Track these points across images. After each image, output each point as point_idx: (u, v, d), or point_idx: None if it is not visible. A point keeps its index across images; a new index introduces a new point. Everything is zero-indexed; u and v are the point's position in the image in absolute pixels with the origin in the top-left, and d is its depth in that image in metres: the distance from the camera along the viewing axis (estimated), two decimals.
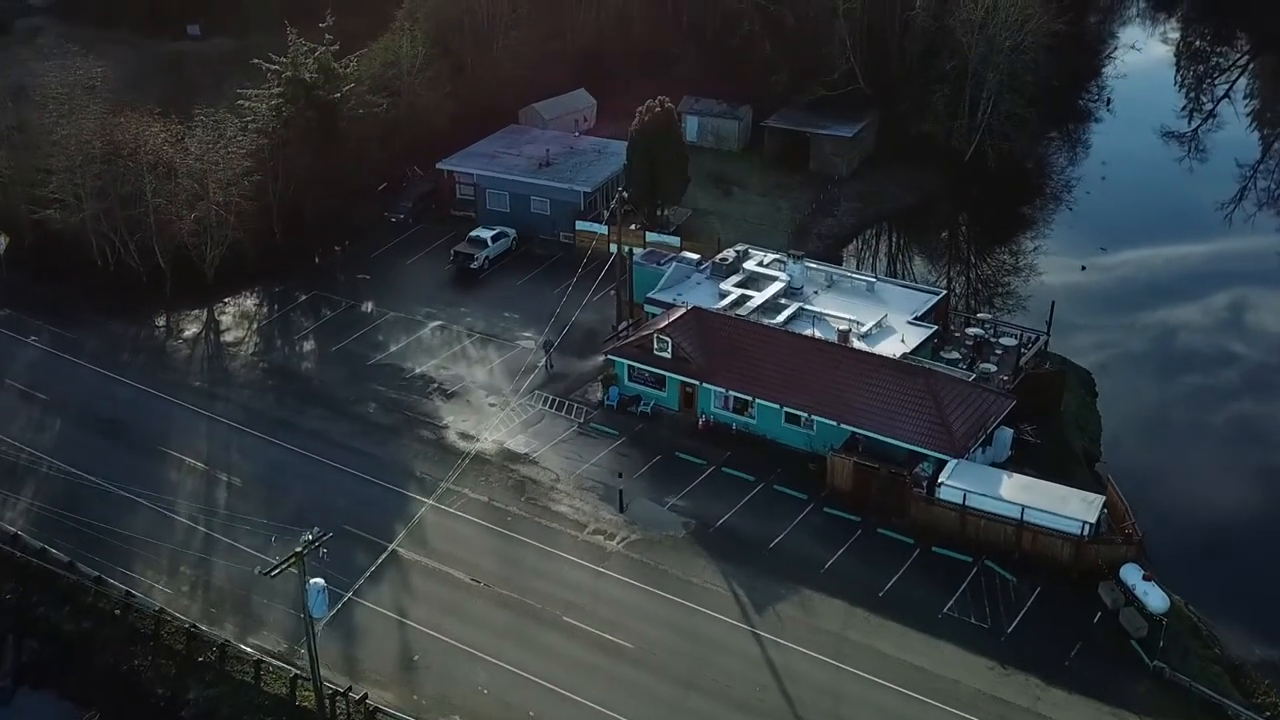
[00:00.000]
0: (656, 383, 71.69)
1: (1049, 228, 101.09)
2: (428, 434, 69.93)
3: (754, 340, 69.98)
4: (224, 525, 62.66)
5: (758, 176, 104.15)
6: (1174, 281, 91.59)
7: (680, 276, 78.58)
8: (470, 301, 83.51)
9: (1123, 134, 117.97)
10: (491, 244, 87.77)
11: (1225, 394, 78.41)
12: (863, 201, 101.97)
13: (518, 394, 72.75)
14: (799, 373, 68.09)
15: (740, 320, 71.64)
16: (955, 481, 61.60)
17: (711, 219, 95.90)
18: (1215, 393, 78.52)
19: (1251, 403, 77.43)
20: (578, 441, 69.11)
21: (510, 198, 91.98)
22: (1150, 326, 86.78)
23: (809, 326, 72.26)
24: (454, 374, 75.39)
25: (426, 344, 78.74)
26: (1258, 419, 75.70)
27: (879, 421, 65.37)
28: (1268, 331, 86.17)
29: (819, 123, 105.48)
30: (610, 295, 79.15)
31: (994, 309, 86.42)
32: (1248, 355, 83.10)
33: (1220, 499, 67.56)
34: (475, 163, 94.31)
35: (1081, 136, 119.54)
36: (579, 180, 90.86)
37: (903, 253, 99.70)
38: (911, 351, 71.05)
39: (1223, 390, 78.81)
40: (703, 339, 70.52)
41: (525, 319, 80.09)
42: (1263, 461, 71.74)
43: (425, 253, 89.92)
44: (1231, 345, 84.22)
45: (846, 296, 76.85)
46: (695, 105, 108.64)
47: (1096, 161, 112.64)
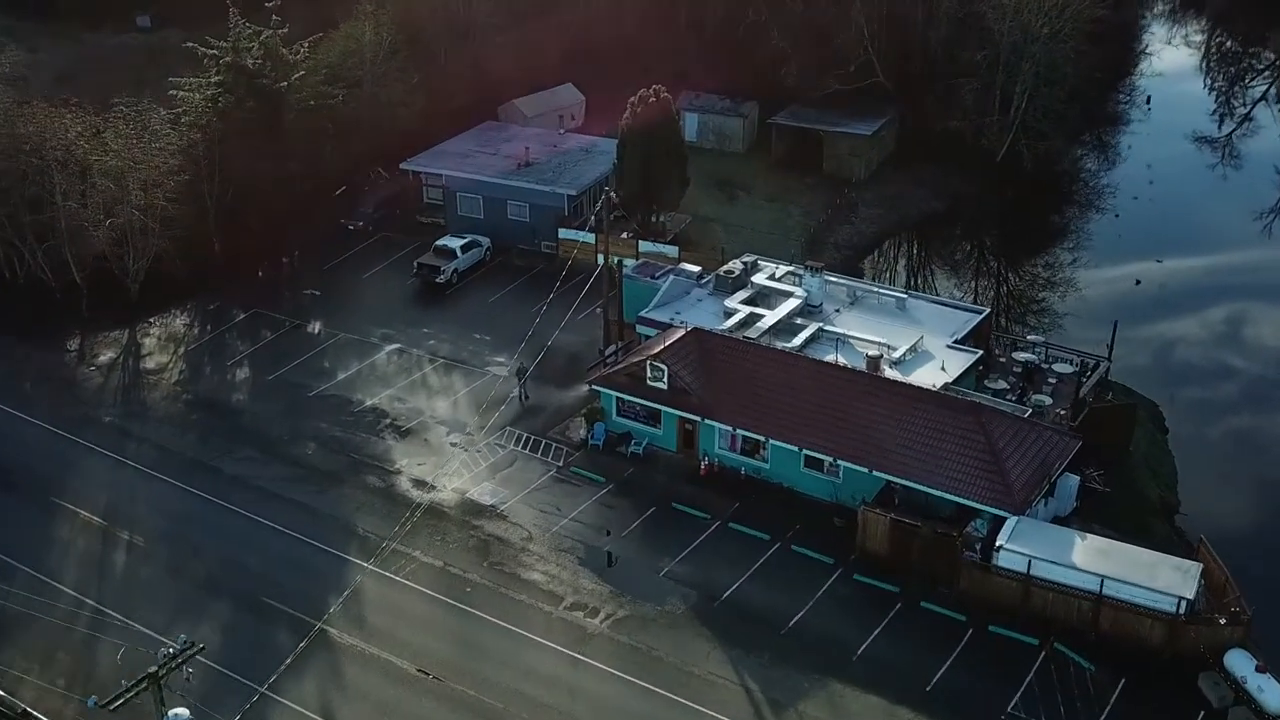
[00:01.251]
0: (650, 418, 60.16)
1: (1093, 237, 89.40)
2: (375, 481, 58.34)
3: (766, 368, 58.46)
4: (118, 596, 51.08)
5: (765, 180, 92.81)
6: (1242, 295, 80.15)
7: (678, 292, 67.10)
8: (435, 321, 72.02)
9: (1162, 135, 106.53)
10: (461, 255, 76.32)
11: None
12: (884, 207, 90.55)
13: (485, 431, 61.24)
14: (821, 407, 56.58)
15: (749, 344, 60.11)
16: (1017, 545, 50.03)
17: (714, 227, 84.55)
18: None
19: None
20: (555, 490, 57.55)
21: (484, 202, 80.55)
22: (1221, 347, 75.31)
23: (831, 351, 60.77)
24: (410, 407, 63.84)
25: (380, 371, 67.20)
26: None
27: (919, 468, 53.84)
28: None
29: (833, 120, 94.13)
30: (596, 314, 67.72)
31: (1042, 329, 74.83)
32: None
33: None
34: (445, 162, 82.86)
35: (1118, 136, 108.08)
36: (563, 182, 79.44)
37: (931, 265, 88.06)
38: (953, 381, 59.58)
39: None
40: (705, 366, 59.04)
41: (498, 341, 68.60)
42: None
43: (386, 265, 78.45)
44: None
45: (873, 315, 65.40)
46: (695, 101, 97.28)
47: (1138, 164, 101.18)
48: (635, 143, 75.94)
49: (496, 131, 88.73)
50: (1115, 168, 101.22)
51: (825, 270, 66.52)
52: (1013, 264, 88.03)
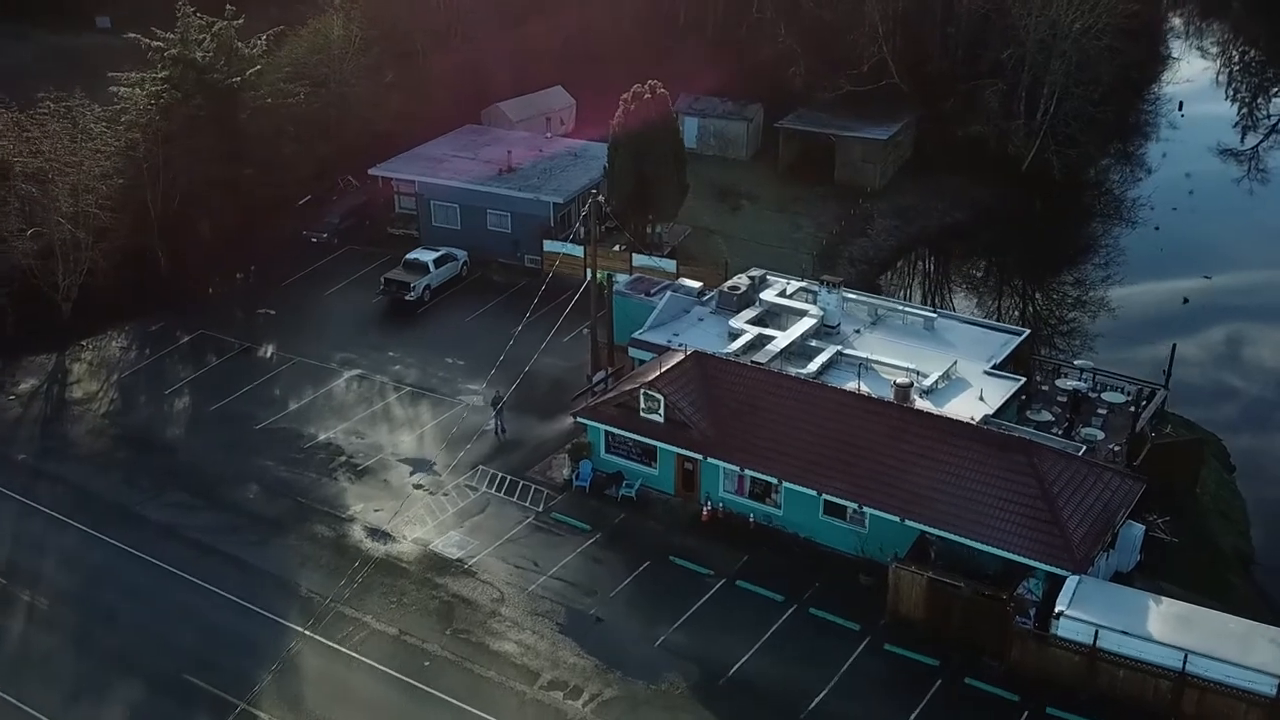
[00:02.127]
0: (644, 456, 52.13)
1: (1131, 251, 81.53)
2: (324, 530, 50.21)
3: (778, 398, 50.41)
4: (7, 672, 42.92)
5: (771, 188, 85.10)
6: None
7: (676, 310, 59.17)
8: (402, 343, 63.99)
9: (1194, 144, 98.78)
10: (434, 269, 68.33)
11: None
12: (902, 218, 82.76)
13: (453, 471, 53.16)
14: (843, 445, 48.53)
15: (759, 370, 52.10)
16: (1080, 611, 41.91)
17: (715, 239, 76.73)
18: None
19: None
20: (533, 540, 49.45)
21: (461, 211, 72.60)
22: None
23: (852, 378, 52.79)
24: (369, 443, 55.75)
25: (338, 401, 59.13)
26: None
27: (960, 517, 45.75)
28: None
29: (846, 124, 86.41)
30: (583, 336, 59.82)
31: (1080, 353, 66.89)
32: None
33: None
34: (418, 167, 74.93)
35: (1149, 144, 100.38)
36: (548, 189, 71.51)
37: (955, 282, 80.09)
38: (995, 413, 51.60)
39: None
40: (707, 395, 51.04)
41: (472, 366, 60.57)
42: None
43: (350, 281, 70.43)
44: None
45: (898, 337, 57.45)
46: (695, 105, 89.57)
47: (1172, 172, 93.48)
48: (629, 145, 68.04)
49: (477, 135, 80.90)
50: (1150, 177, 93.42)
51: (843, 285, 58.48)
52: (1044, 281, 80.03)
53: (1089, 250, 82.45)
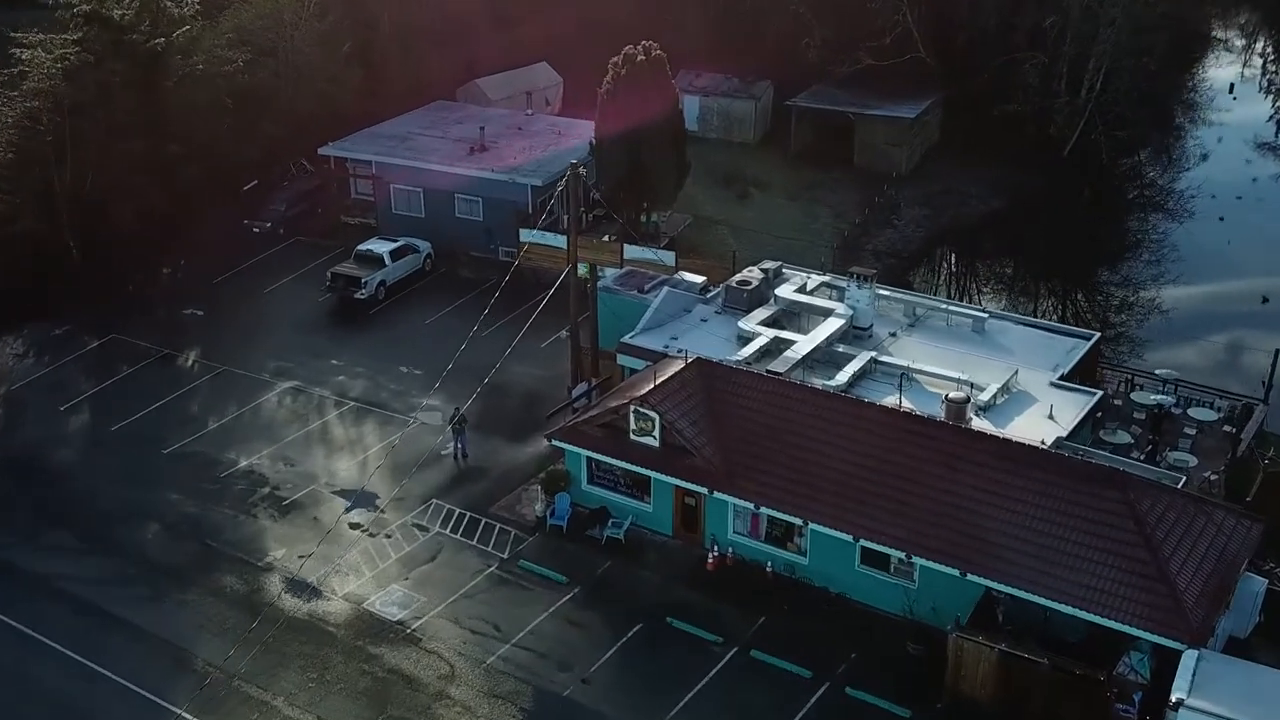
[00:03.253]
0: (635, 488, 42.16)
1: (1192, 244, 71.48)
2: (234, 582, 40.21)
3: (801, 416, 40.42)
4: None
5: (783, 175, 75.19)
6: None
7: (675, 310, 49.30)
8: (350, 349, 54.08)
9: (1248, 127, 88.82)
10: (390, 262, 58.40)
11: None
12: (932, 207, 72.81)
13: (400, 506, 43.25)
14: (884, 476, 38.56)
15: (776, 381, 42.08)
16: (1207, 700, 31.88)
17: (720, 230, 66.89)
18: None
19: None
20: (495, 596, 39.49)
21: (425, 196, 62.69)
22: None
23: (891, 391, 42.87)
24: (300, 471, 45.78)
25: (266, 419, 49.18)
26: None
27: (1037, 570, 35.78)
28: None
29: (866, 102, 76.49)
30: (564, 340, 50.03)
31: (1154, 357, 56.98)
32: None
33: None
34: (376, 147, 64.96)
35: (1202, 128, 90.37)
36: (526, 170, 61.56)
37: (996, 277, 69.99)
38: (1069, 435, 41.65)
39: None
40: (713, 413, 41.07)
41: (432, 377, 50.23)
42: None
43: (295, 277, 60.52)
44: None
45: (943, 341, 47.59)
46: (696, 82, 79.59)
47: (1230, 159, 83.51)
48: (619, 117, 58.06)
49: (448, 112, 70.98)
50: (1206, 163, 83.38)
51: (876, 279, 48.46)
52: (1095, 277, 69.91)
53: (1144, 243, 72.42)
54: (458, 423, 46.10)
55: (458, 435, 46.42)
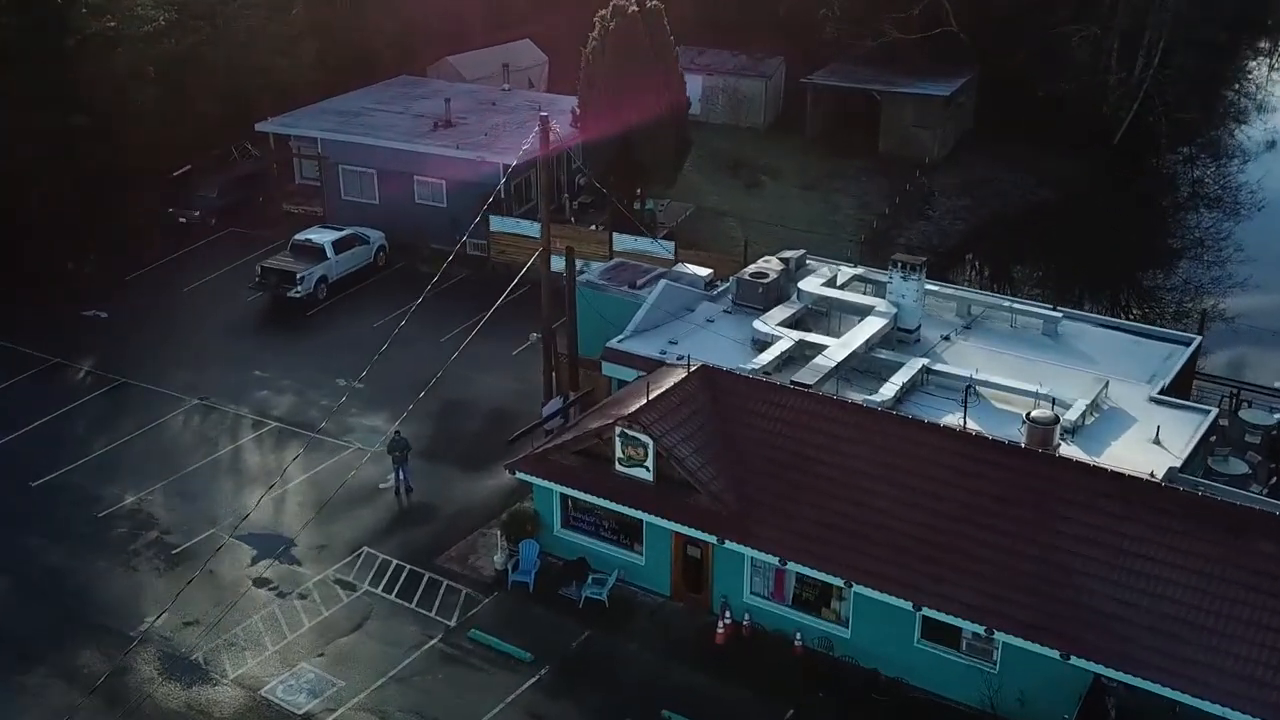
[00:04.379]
0: (622, 534, 32.58)
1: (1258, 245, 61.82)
2: (94, 659, 30.58)
3: (838, 441, 30.84)
4: None
5: (798, 162, 65.80)
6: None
7: (674, 308, 39.77)
8: (278, 358, 44.60)
9: None
10: (332, 255, 48.99)
11: None
12: (971, 197, 63.36)
13: (322, 556, 33.73)
14: (950, 521, 28.97)
15: (804, 395, 32.46)
16: None
17: (727, 222, 57.55)
18: None
19: None
20: (437, 679, 29.88)
21: (379, 179, 53.37)
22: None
23: (953, 409, 33.37)
24: (199, 510, 36.22)
25: (166, 444, 39.63)
26: None
27: (1165, 653, 26.19)
28: None
29: (893, 79, 67.19)
30: (537, 346, 40.60)
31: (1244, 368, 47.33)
32: None
33: None
34: (323, 122, 55.63)
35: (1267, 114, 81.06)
36: (499, 147, 52.18)
37: (1053, 275, 60.11)
38: (1182, 465, 32.06)
39: None
40: (723, 436, 31.51)
41: (376, 392, 41.01)
42: None
43: (222, 273, 51.12)
44: None
45: (1008, 346, 38.16)
46: (698, 59, 70.25)
47: None
48: (608, 82, 48.75)
49: (412, 87, 61.74)
50: (1270, 151, 73.98)
51: (924, 269, 38.86)
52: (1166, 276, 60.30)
53: (1215, 238, 62.91)
54: (397, 449, 36.60)
55: (399, 465, 36.90)
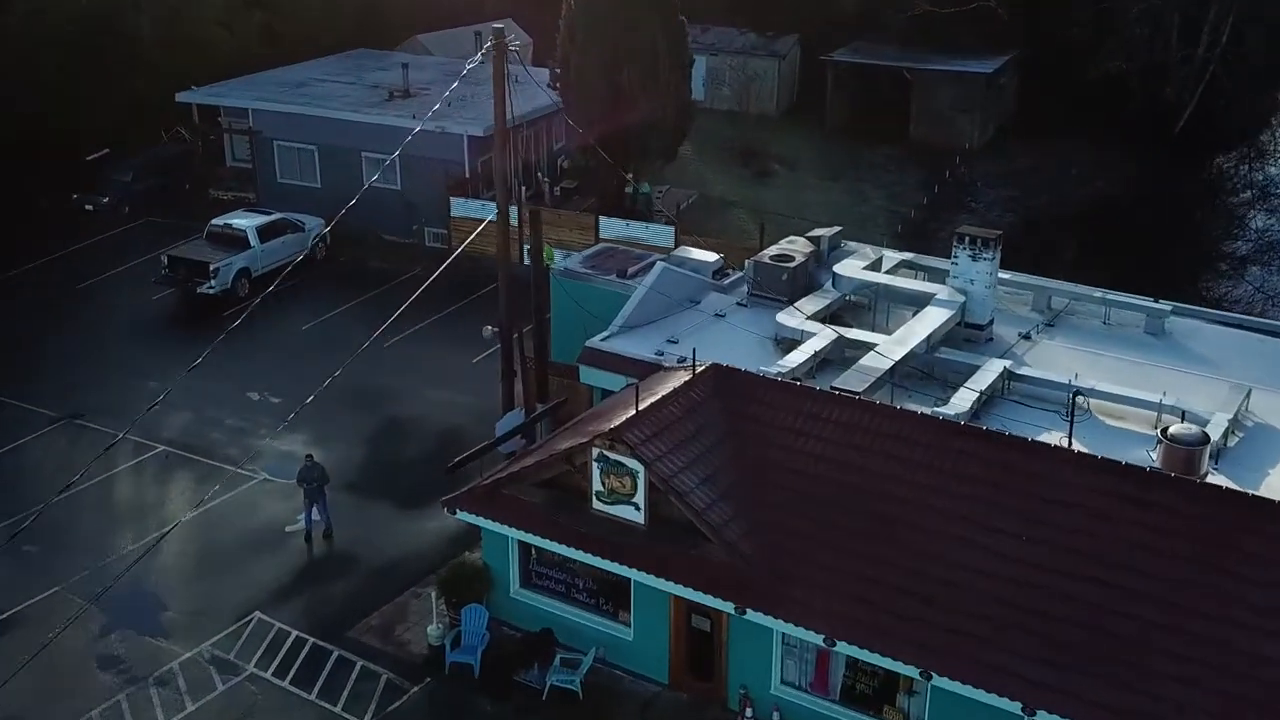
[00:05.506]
0: (602, 597, 23.64)
1: None
2: None
3: (901, 467, 21.97)
4: None
5: (817, 150, 57.30)
6: None
7: (674, 298, 30.96)
8: (180, 368, 35.56)
9: None
10: (257, 243, 40.32)
11: None
12: (1019, 187, 54.61)
13: (197, 625, 24.85)
14: (1071, 581, 20.06)
15: (854, 405, 23.54)
16: None
17: (736, 213, 48.99)
18: None
19: None
20: None
21: (321, 157, 44.78)
22: None
23: (1047, 426, 24.49)
24: (42, 560, 27.35)
25: (15, 474, 30.84)
26: None
27: None
28: None
29: (925, 57, 58.75)
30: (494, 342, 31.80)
31: None
32: None
33: None
34: (259, 92, 47.04)
35: None
36: (463, 118, 43.59)
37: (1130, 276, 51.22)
38: None
39: None
40: (741, 460, 22.61)
41: (295, 407, 32.14)
42: None
43: (128, 267, 42.46)
44: None
45: (1104, 347, 29.41)
46: (701, 37, 61.65)
47: None
48: (593, 38, 40.17)
49: (369, 59, 53.20)
50: None
51: (996, 247, 30.04)
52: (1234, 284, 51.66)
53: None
54: (310, 480, 27.85)
55: (311, 501, 28.11)
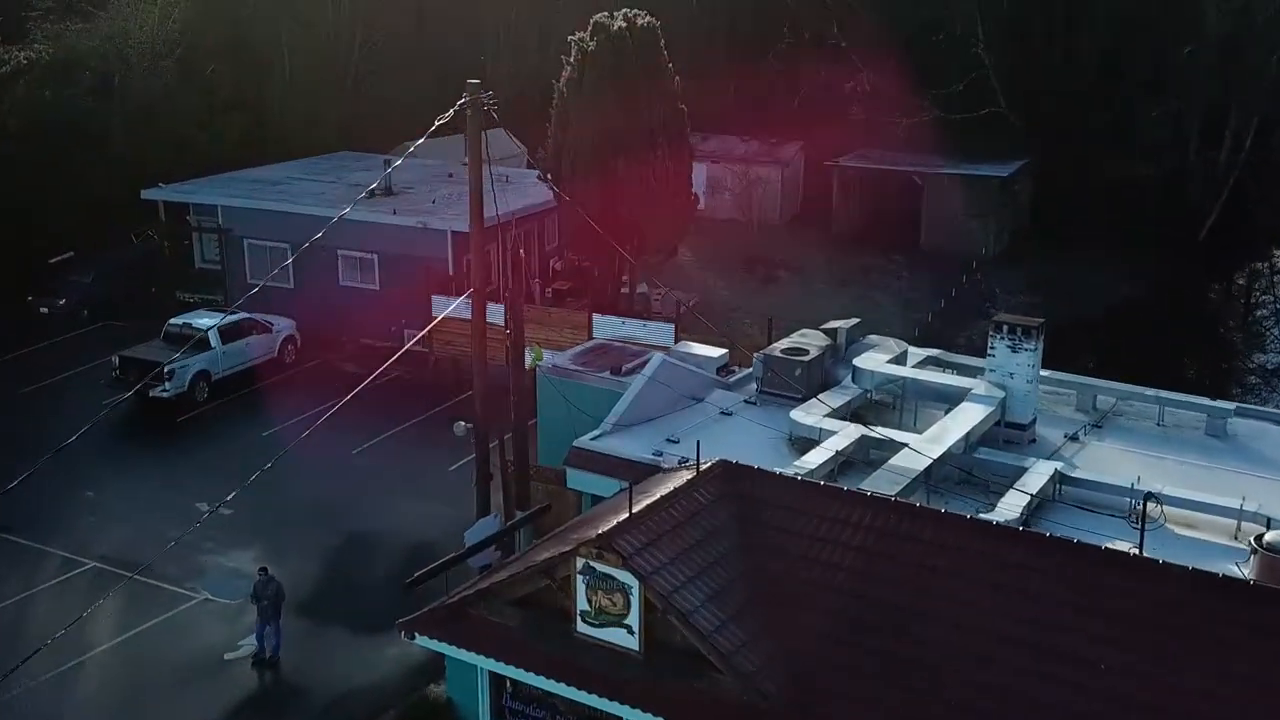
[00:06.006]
0: None
1: None
2: None
3: (959, 583, 18.25)
4: None
5: (823, 257, 54.55)
6: None
7: (675, 394, 27.50)
8: (124, 477, 32.30)
9: None
10: (218, 344, 37.03)
11: None
12: (1040, 293, 51.42)
13: None
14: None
15: (895, 507, 19.87)
16: None
17: (739, 319, 45.83)
18: None
19: None
20: None
21: (293, 254, 41.59)
22: None
23: (1107, 535, 20.77)
24: None
25: None
26: None
27: None
28: None
29: (936, 162, 56.25)
30: (467, 438, 28.24)
31: None
32: None
33: None
34: (229, 189, 44.21)
35: None
36: (449, 214, 40.68)
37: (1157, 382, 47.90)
38: None
39: None
40: (757, 576, 18.87)
41: (247, 523, 28.69)
42: None
43: (81, 370, 39.23)
44: None
45: (1162, 449, 25.95)
46: (702, 146, 59.21)
47: None
48: (587, 122, 37.37)
49: (352, 161, 50.57)
50: None
51: (1039, 336, 26.69)
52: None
53: None
54: (265, 596, 24.18)
55: (265, 620, 24.38)
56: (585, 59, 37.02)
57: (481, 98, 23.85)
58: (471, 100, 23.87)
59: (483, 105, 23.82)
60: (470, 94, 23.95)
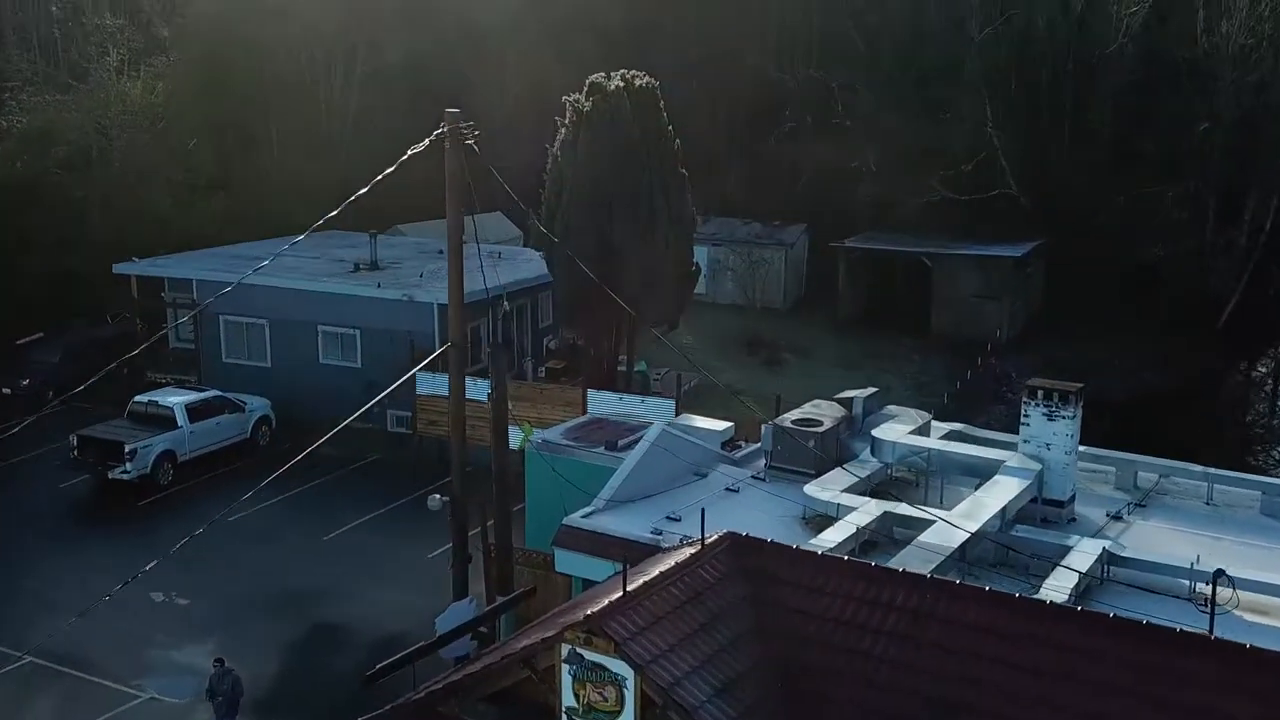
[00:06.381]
0: None
1: None
2: None
3: (1012, 673, 15.64)
4: None
5: (830, 341, 52.55)
6: None
7: (675, 468, 25.03)
8: (75, 564, 29.77)
9: None
10: (185, 423, 34.63)
11: None
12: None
13: None
14: None
15: (935, 585, 17.30)
16: None
17: (744, 402, 43.22)
18: None
19: None
20: None
21: (272, 333, 39.52)
22: None
23: (1182, 617, 18.07)
24: None
25: None
26: None
27: None
28: None
29: (946, 243, 54.37)
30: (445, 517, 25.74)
31: None
32: None
33: None
34: (207, 265, 42.10)
35: None
36: (435, 287, 38.50)
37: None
38: None
39: None
40: (773, 666, 16.26)
41: (203, 613, 26.00)
42: None
43: (41, 453, 36.68)
44: None
45: (1212, 529, 23.48)
46: (703, 228, 57.13)
47: None
48: (582, 188, 35.32)
49: (335, 237, 48.42)
50: None
51: (1076, 405, 24.34)
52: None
53: None
54: (221, 691, 21.50)
55: (221, 714, 21.66)
56: (580, 119, 35.05)
57: (461, 127, 21.60)
58: (450, 130, 21.65)
59: (462, 137, 21.55)
60: (449, 123, 21.73)
